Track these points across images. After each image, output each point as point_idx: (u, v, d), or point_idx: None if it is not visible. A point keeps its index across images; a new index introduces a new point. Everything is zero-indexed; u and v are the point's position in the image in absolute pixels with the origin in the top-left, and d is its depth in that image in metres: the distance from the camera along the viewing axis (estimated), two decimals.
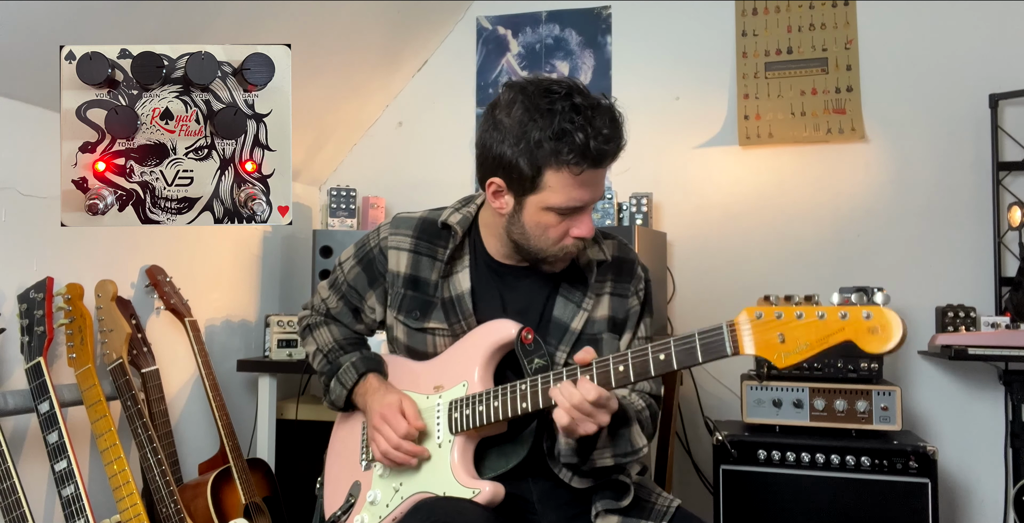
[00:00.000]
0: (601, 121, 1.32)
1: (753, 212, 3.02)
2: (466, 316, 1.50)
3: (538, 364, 1.39)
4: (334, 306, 1.67)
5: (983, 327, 2.51)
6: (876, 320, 1.07)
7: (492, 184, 1.42)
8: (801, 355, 1.12)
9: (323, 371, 1.64)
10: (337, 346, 1.65)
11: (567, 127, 1.31)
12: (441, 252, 1.53)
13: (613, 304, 1.53)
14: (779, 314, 1.14)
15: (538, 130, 1.32)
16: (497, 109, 1.39)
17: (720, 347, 1.20)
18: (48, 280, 1.94)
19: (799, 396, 2.41)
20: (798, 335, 1.12)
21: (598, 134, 1.31)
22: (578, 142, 1.30)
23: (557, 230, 1.41)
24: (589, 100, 1.34)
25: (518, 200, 1.40)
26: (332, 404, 1.61)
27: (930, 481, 2.25)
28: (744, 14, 3.05)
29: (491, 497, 1.35)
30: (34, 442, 1.99)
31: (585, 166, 1.33)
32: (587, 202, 1.39)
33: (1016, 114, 2.78)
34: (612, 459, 1.40)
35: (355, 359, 1.58)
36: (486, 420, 1.38)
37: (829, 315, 1.10)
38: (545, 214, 1.39)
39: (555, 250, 1.43)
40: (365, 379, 1.55)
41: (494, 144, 1.38)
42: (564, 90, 1.34)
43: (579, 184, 1.35)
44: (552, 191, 1.36)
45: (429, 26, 3.27)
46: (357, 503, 1.49)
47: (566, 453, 1.40)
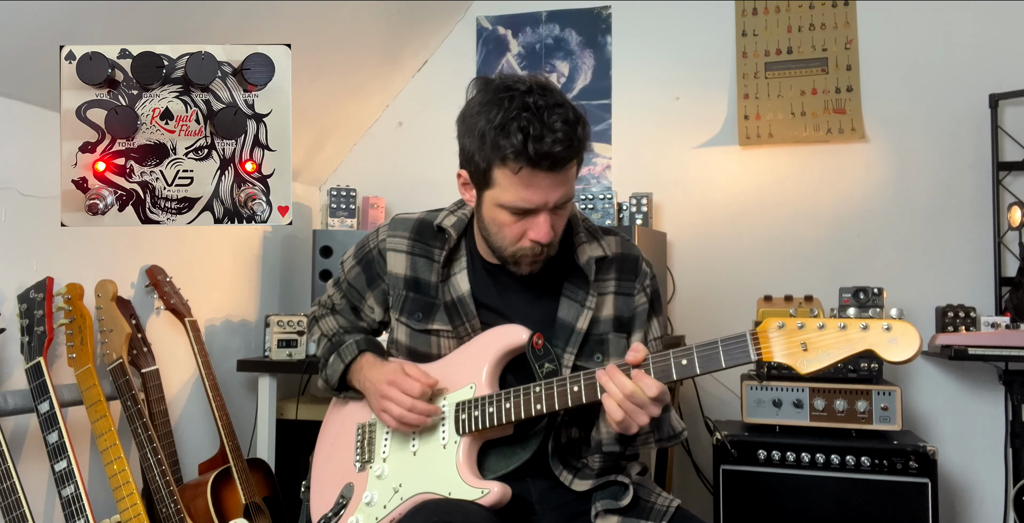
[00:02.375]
0: (553, 122, 1.27)
1: (753, 212, 3.02)
2: (470, 318, 1.50)
3: (548, 369, 1.40)
4: (338, 302, 1.70)
5: (983, 327, 2.51)
6: (896, 332, 1.15)
7: (460, 176, 1.44)
8: (822, 363, 1.19)
9: (325, 351, 1.62)
10: (342, 330, 1.65)
11: (510, 124, 1.28)
12: (437, 254, 1.53)
13: (618, 303, 1.52)
14: (801, 324, 1.21)
15: (486, 123, 1.31)
16: (468, 103, 1.40)
17: (744, 354, 1.23)
18: (48, 280, 1.94)
19: (799, 396, 2.41)
20: (820, 344, 1.19)
21: (543, 135, 1.26)
22: (516, 140, 1.27)
23: (512, 230, 1.38)
24: (547, 99, 1.29)
25: (478, 194, 1.41)
26: (326, 382, 1.59)
27: (930, 481, 2.25)
28: (744, 14, 3.05)
29: (498, 498, 1.35)
30: (34, 442, 1.99)
31: (522, 164, 1.29)
32: (538, 205, 1.34)
33: (1016, 114, 2.78)
34: (656, 443, 1.44)
35: (359, 338, 1.57)
36: (495, 421, 1.39)
37: (850, 326, 1.18)
38: (499, 211, 1.37)
39: (512, 250, 1.41)
40: (363, 356, 1.53)
41: (460, 135, 1.39)
42: (524, 87, 1.31)
43: (524, 184, 1.32)
44: (501, 188, 1.34)
45: (429, 26, 3.27)
46: (350, 504, 1.48)
47: (608, 442, 1.42)
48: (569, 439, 1.50)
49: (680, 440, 1.46)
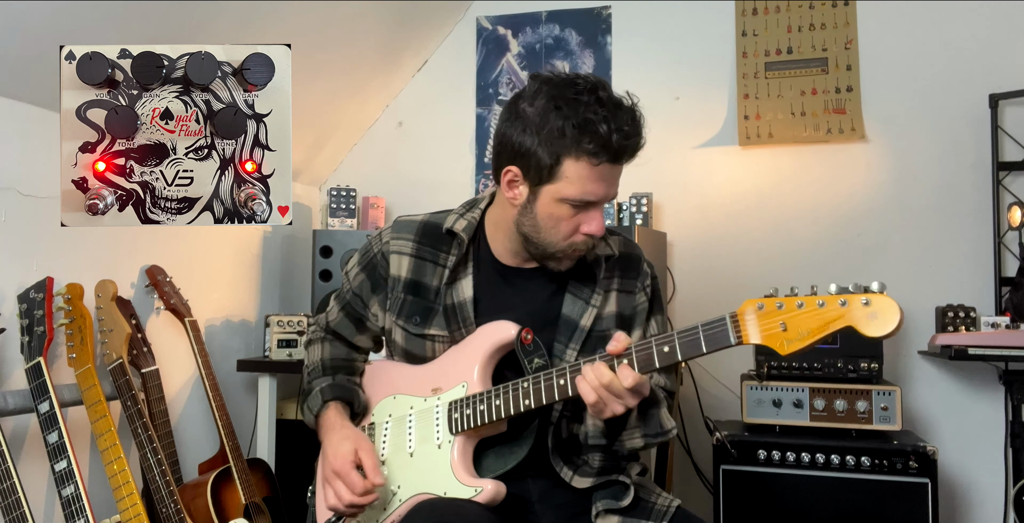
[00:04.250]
0: (624, 117, 1.34)
1: (753, 212, 3.02)
2: (467, 324, 1.49)
3: (538, 364, 1.40)
4: (334, 319, 1.66)
5: (983, 327, 2.51)
6: (874, 306, 1.12)
7: (508, 172, 1.42)
8: (803, 341, 1.16)
9: (304, 394, 1.63)
10: (320, 367, 1.63)
11: (591, 117, 1.32)
12: (444, 258, 1.52)
13: (620, 301, 1.53)
14: (780, 304, 1.18)
15: (562, 118, 1.33)
16: (521, 99, 1.40)
17: (724, 337, 1.21)
18: (48, 280, 1.94)
19: (799, 396, 2.41)
20: (799, 323, 1.16)
21: (620, 128, 1.33)
22: (601, 133, 1.32)
23: (569, 224, 1.41)
24: (613, 96, 1.36)
25: (532, 190, 1.41)
26: (308, 426, 1.60)
27: (930, 481, 2.25)
28: (744, 14, 3.05)
29: (492, 495, 1.35)
30: (34, 442, 1.99)
31: (605, 158, 1.34)
32: (601, 197, 1.39)
33: (1016, 114, 2.78)
34: (643, 439, 1.41)
35: (324, 385, 1.57)
36: (487, 419, 1.38)
37: (829, 303, 1.15)
38: (559, 206, 1.39)
39: (564, 246, 1.43)
40: (326, 409, 1.54)
41: (514, 133, 1.39)
42: (590, 84, 1.36)
43: (596, 177, 1.36)
44: (568, 181, 1.36)
45: (429, 26, 3.27)
46: None
47: (594, 435, 1.42)
48: (571, 435, 1.50)
49: (668, 438, 1.45)
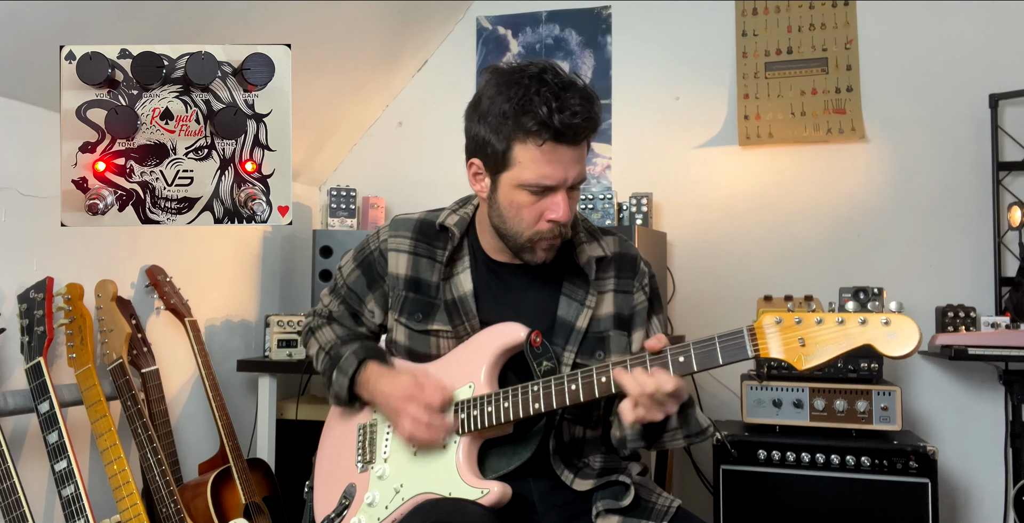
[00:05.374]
0: (571, 98, 1.32)
1: (753, 212, 3.02)
2: (470, 318, 1.49)
3: (546, 367, 1.40)
4: (335, 309, 1.67)
5: (983, 327, 2.51)
6: (894, 326, 1.13)
7: (472, 165, 1.45)
8: (821, 358, 1.17)
9: (325, 367, 1.59)
10: (339, 342, 1.60)
11: (533, 98, 1.31)
12: (440, 253, 1.53)
13: (618, 301, 1.53)
14: (799, 319, 1.19)
15: (505, 102, 1.34)
16: (479, 93, 1.42)
17: (741, 349, 1.22)
18: (48, 280, 1.94)
19: (799, 396, 2.41)
20: (818, 339, 1.17)
21: (565, 107, 1.31)
22: (540, 113, 1.31)
23: (531, 211, 1.40)
24: (562, 77, 1.35)
25: (493, 180, 1.42)
26: (336, 397, 1.57)
27: (930, 481, 2.25)
28: (744, 14, 3.05)
29: (499, 497, 1.35)
30: (34, 442, 1.99)
31: (547, 137, 1.32)
32: (559, 181, 1.37)
33: (1016, 114, 2.78)
34: (685, 440, 1.42)
35: (355, 347, 1.55)
36: (495, 421, 1.39)
37: (848, 320, 1.16)
38: (518, 192, 1.39)
39: (530, 234, 1.42)
40: (366, 366, 1.51)
41: (472, 126, 1.41)
42: (537, 68, 1.35)
43: (547, 160, 1.35)
44: (522, 166, 1.36)
45: (429, 26, 3.27)
46: (352, 505, 1.48)
47: (633, 438, 1.42)
48: (572, 438, 1.50)
49: (707, 437, 1.44)
